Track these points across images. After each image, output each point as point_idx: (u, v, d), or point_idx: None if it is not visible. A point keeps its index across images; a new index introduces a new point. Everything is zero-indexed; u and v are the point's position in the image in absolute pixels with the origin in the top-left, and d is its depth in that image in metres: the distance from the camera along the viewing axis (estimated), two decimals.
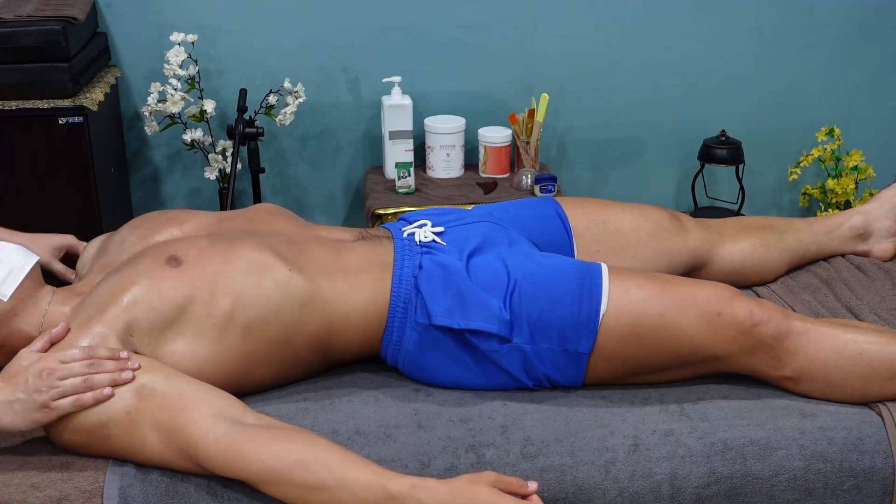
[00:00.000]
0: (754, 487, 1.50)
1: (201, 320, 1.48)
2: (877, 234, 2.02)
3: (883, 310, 1.80)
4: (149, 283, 1.47)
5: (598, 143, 3.18)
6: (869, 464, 1.51)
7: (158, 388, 1.39)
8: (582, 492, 1.47)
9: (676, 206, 3.27)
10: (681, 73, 3.12)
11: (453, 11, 2.99)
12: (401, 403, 1.57)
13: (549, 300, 1.56)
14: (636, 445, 1.50)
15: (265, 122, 2.94)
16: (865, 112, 3.23)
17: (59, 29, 2.50)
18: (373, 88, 3.03)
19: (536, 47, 3.05)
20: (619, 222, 1.83)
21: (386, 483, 1.31)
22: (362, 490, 1.31)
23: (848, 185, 3.05)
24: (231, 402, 1.41)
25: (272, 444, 1.34)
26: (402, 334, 1.59)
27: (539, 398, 1.59)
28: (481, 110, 3.08)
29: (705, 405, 1.58)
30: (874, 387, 1.57)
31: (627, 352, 1.57)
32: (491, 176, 3.00)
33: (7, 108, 2.52)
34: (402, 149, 2.93)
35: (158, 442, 1.38)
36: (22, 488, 1.38)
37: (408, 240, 1.66)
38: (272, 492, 1.34)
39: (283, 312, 1.52)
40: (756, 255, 1.93)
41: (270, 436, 1.36)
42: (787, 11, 3.09)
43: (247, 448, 1.34)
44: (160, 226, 1.70)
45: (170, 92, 2.76)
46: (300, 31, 2.96)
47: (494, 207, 1.81)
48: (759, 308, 1.56)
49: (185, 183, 3.10)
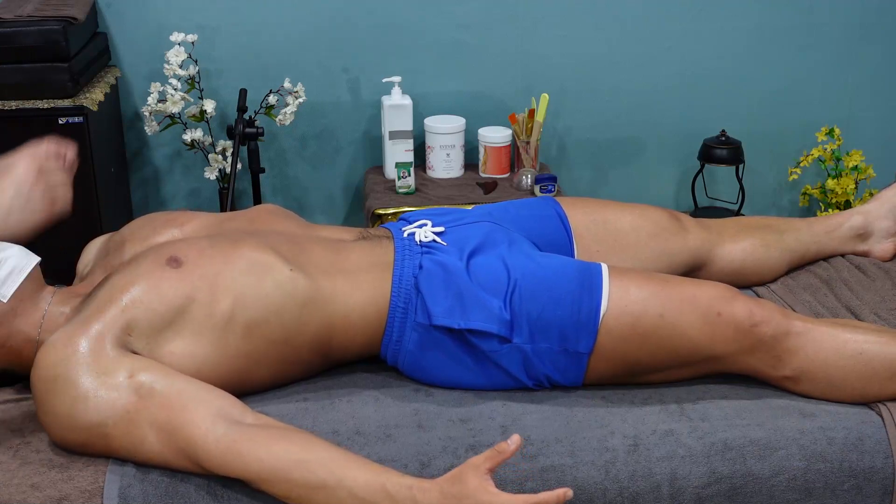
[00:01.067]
0: (754, 487, 1.50)
1: (201, 321, 1.48)
2: (877, 234, 2.02)
3: (883, 310, 1.80)
4: (148, 284, 1.48)
5: (598, 143, 3.18)
6: (869, 464, 1.51)
7: (158, 387, 1.39)
8: (582, 492, 1.47)
9: (676, 206, 3.27)
10: (681, 73, 3.12)
11: (453, 11, 2.99)
12: (401, 403, 1.57)
13: (550, 300, 1.56)
14: (636, 445, 1.50)
15: (265, 122, 2.94)
16: (865, 112, 3.23)
17: (59, 29, 2.50)
18: (373, 88, 3.03)
19: (536, 47, 3.05)
20: (619, 222, 1.83)
21: (385, 483, 1.31)
22: (361, 489, 1.31)
23: (848, 185, 3.05)
24: (231, 403, 1.41)
25: (272, 443, 1.34)
26: (402, 334, 1.59)
27: (539, 398, 1.59)
28: (481, 110, 3.08)
29: (705, 405, 1.58)
30: (874, 387, 1.57)
31: (627, 352, 1.57)
32: (491, 176, 3.00)
33: (7, 108, 2.52)
34: (402, 149, 2.93)
35: (157, 441, 1.38)
36: (22, 488, 1.38)
37: (408, 240, 1.66)
38: (271, 491, 1.34)
39: (283, 312, 1.52)
40: (756, 255, 1.93)
41: (270, 435, 1.36)
42: (787, 11, 3.09)
43: (246, 448, 1.34)
44: (161, 227, 1.70)
45: (170, 92, 2.76)
46: (300, 31, 2.96)
47: (494, 207, 1.81)
48: (759, 308, 1.56)
49: (185, 183, 3.10)
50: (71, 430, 1.40)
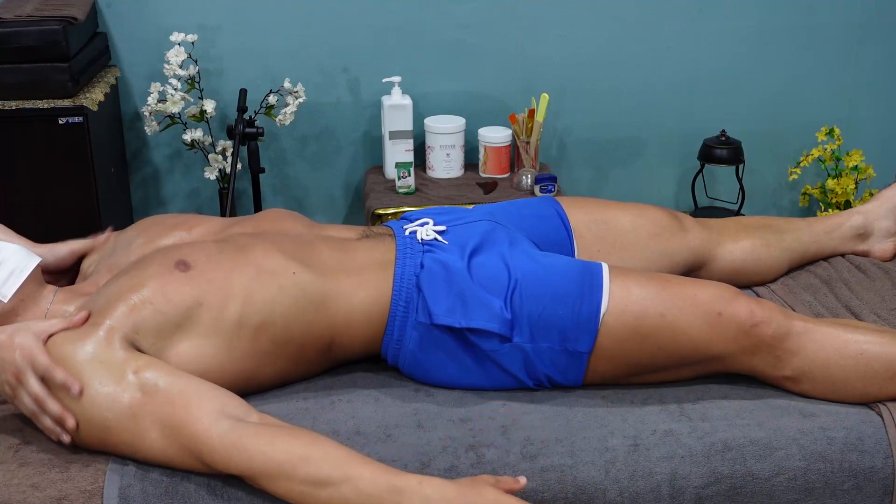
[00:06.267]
0: (754, 487, 1.50)
1: (209, 324, 1.48)
2: (877, 234, 2.02)
3: (883, 310, 1.80)
4: (157, 286, 1.48)
5: (598, 143, 3.18)
6: (869, 464, 1.51)
7: (162, 384, 1.39)
8: (582, 492, 1.47)
9: (676, 206, 3.27)
10: (681, 73, 3.12)
11: (453, 11, 2.99)
12: (401, 403, 1.57)
13: (550, 300, 1.56)
14: (636, 445, 1.50)
15: (265, 122, 2.94)
16: (865, 112, 3.23)
17: (59, 29, 2.50)
18: (373, 88, 3.03)
19: (536, 47, 3.05)
20: (619, 222, 1.83)
21: (392, 478, 1.32)
22: (367, 485, 1.31)
23: (848, 185, 3.05)
24: (235, 401, 1.41)
25: (276, 439, 1.35)
26: (402, 333, 1.59)
27: (539, 398, 1.59)
28: (481, 110, 3.08)
29: (705, 405, 1.58)
30: (874, 387, 1.57)
31: (628, 351, 1.57)
32: (491, 176, 3.00)
33: (7, 108, 2.52)
34: (402, 149, 2.93)
35: (161, 438, 1.38)
36: (22, 488, 1.38)
37: (409, 238, 1.66)
38: (274, 488, 1.34)
39: (290, 315, 1.53)
40: (756, 255, 1.93)
41: (274, 432, 1.36)
42: (787, 11, 3.09)
43: (250, 443, 1.34)
44: (169, 229, 1.70)
45: (170, 92, 2.76)
46: (300, 31, 2.96)
47: (495, 207, 1.82)
48: (760, 308, 1.56)
49: (185, 183, 3.10)
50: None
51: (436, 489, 1.32)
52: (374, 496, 1.31)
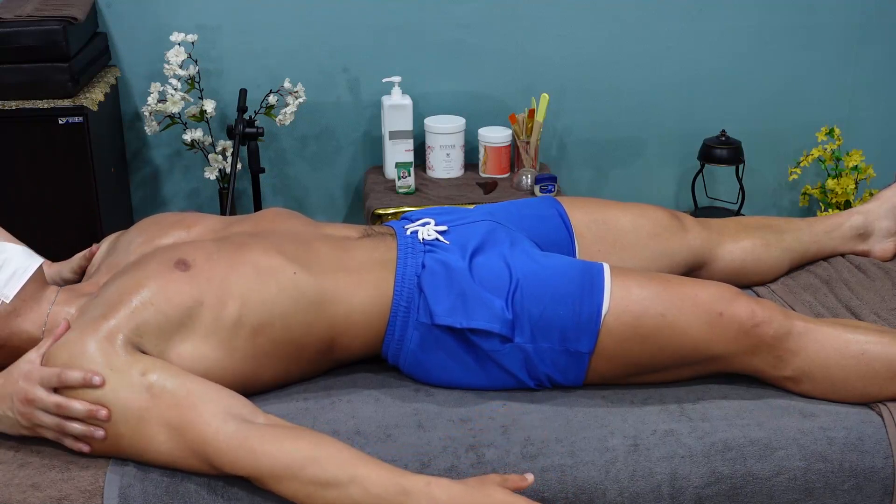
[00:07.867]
0: (754, 487, 1.50)
1: (209, 324, 1.48)
2: (877, 234, 2.02)
3: (883, 310, 1.80)
4: (157, 286, 1.47)
5: (598, 143, 3.18)
6: (869, 464, 1.51)
7: (168, 386, 1.39)
8: (582, 492, 1.47)
9: (676, 206, 3.27)
10: (681, 73, 3.12)
11: (453, 11, 2.99)
12: (401, 403, 1.57)
13: (551, 300, 1.56)
14: (636, 445, 1.50)
15: (265, 122, 2.94)
16: (865, 112, 3.23)
17: (59, 29, 2.50)
18: (373, 88, 3.03)
19: (536, 47, 3.05)
20: (619, 222, 1.83)
21: (400, 479, 1.32)
22: (374, 486, 1.31)
23: (848, 185, 3.05)
24: (242, 402, 1.41)
25: (283, 440, 1.35)
26: (403, 333, 1.59)
27: (539, 398, 1.59)
28: (481, 110, 3.08)
29: (705, 405, 1.58)
30: (875, 387, 1.57)
31: (628, 351, 1.57)
32: (491, 176, 3.00)
33: (7, 108, 2.52)
34: (402, 149, 2.93)
35: (168, 440, 1.37)
36: (22, 488, 1.38)
37: (411, 237, 1.66)
38: (281, 489, 1.34)
39: (288, 315, 1.53)
40: (756, 255, 1.93)
41: (281, 433, 1.36)
42: (787, 11, 3.09)
43: (258, 444, 1.34)
44: (168, 228, 1.70)
45: (170, 92, 2.76)
46: (300, 31, 2.96)
47: (496, 207, 1.82)
48: (761, 308, 1.56)
49: (185, 183, 3.10)
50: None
51: (443, 490, 1.32)
52: (381, 497, 1.31)
